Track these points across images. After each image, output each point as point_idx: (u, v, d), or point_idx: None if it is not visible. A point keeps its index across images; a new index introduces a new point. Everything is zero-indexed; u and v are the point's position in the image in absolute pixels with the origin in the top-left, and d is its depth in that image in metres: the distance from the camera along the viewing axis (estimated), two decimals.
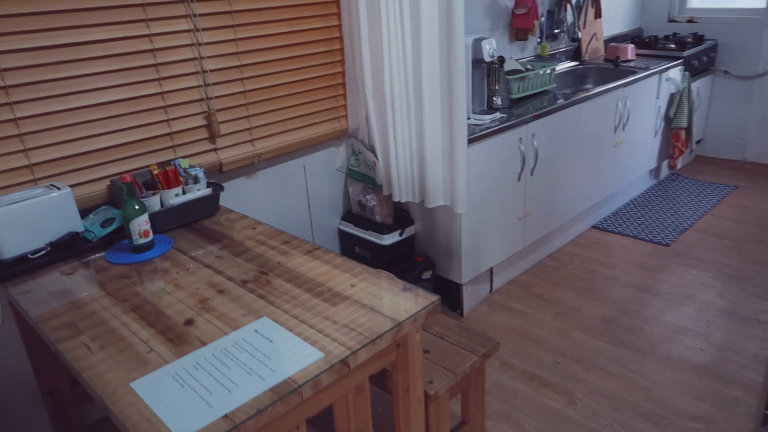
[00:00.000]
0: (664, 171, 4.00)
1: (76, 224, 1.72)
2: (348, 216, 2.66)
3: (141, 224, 1.62)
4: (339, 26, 2.43)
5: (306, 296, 1.38)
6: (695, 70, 3.73)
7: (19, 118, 1.71)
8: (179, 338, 1.25)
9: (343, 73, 2.49)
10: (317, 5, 2.34)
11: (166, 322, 1.31)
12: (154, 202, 1.79)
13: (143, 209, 1.62)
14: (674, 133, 3.72)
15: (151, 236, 1.65)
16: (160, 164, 1.87)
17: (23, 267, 1.59)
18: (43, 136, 1.76)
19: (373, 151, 2.47)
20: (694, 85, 3.72)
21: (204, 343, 1.22)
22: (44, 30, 1.70)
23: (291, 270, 1.51)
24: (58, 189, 1.69)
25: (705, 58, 3.83)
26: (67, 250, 1.67)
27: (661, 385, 2.13)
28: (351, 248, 2.66)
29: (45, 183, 1.76)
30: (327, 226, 2.66)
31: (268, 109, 2.29)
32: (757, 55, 3.82)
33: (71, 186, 1.83)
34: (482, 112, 2.60)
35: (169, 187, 1.83)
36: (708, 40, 3.95)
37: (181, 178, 1.87)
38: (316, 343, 1.20)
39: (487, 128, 2.43)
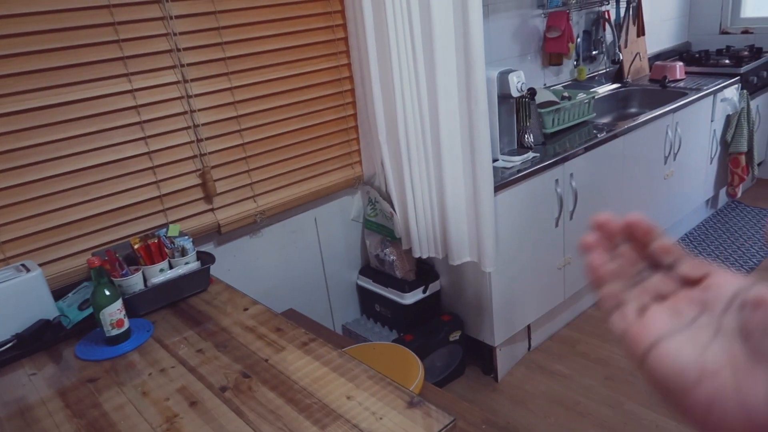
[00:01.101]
0: (722, 199, 3.61)
1: (49, 309, 1.53)
2: (366, 270, 2.41)
3: (113, 313, 1.41)
4: (348, 65, 2.21)
5: (292, 413, 1.13)
6: (753, 87, 3.35)
7: None
8: None
9: (355, 115, 2.27)
10: (322, 44, 2.12)
11: None
12: (135, 281, 1.59)
13: (115, 295, 1.42)
14: (733, 159, 3.34)
15: (125, 325, 1.44)
16: (142, 236, 1.67)
17: None
18: (14, 210, 1.59)
19: (389, 200, 2.22)
20: (753, 104, 3.34)
21: None
22: (10, 94, 1.53)
23: (278, 370, 1.27)
24: (28, 270, 1.50)
25: (764, 73, 3.45)
26: (35, 341, 1.47)
27: None
28: (371, 306, 2.41)
29: (16, 262, 1.58)
30: (344, 281, 2.42)
31: (272, 161, 2.07)
32: None
33: (47, 263, 1.65)
34: (512, 153, 2.32)
35: (153, 262, 1.62)
36: (766, 52, 3.56)
37: (166, 251, 1.66)
38: None
39: (519, 171, 2.16)
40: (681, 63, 3.34)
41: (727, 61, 3.42)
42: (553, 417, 2.10)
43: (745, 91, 3.24)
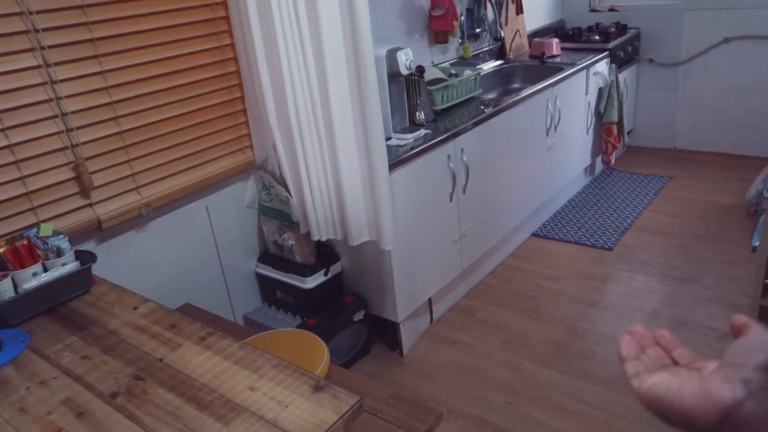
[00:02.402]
0: (599, 166, 3.89)
1: None
2: (265, 257, 2.35)
3: None
4: (232, 45, 2.11)
5: (192, 412, 1.08)
6: (621, 61, 3.62)
7: None
8: None
9: (242, 98, 2.18)
10: (202, 23, 2.01)
11: None
12: (4, 288, 1.44)
13: None
14: (606, 129, 3.60)
15: None
16: (8, 239, 1.51)
17: None
18: None
19: (284, 184, 2.17)
20: (621, 77, 3.61)
21: None
22: None
23: (175, 370, 1.20)
24: None
25: (629, 48, 3.73)
26: None
27: (622, 419, 1.95)
28: (272, 293, 2.36)
29: None
30: (242, 271, 2.34)
31: (155, 149, 1.95)
32: (680, 42, 3.75)
33: None
34: (405, 130, 2.34)
35: (23, 266, 1.47)
36: (631, 28, 3.85)
37: (39, 252, 1.51)
38: None
39: (412, 148, 2.19)
40: (557, 40, 3.53)
41: (597, 38, 3.65)
42: (458, 385, 2.18)
43: (613, 65, 3.49)
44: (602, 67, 3.44)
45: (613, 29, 3.77)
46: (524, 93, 2.79)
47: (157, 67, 1.91)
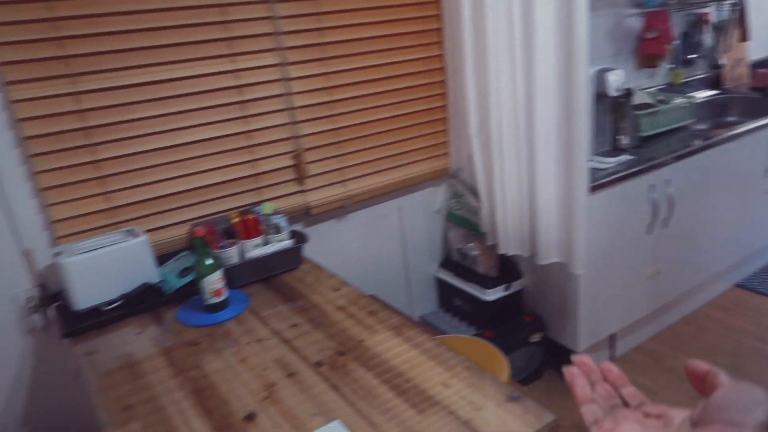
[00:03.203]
0: None
1: (152, 274, 1.60)
2: (447, 263, 2.40)
3: (213, 282, 1.46)
4: (441, 56, 2.19)
5: (388, 394, 1.13)
6: None
7: (99, 161, 1.62)
8: None
9: (444, 107, 2.25)
10: (416, 34, 2.12)
11: (225, 414, 1.11)
12: (232, 254, 1.64)
13: (217, 265, 1.46)
14: None
15: (224, 295, 1.49)
16: (240, 211, 1.72)
17: (95, 321, 1.48)
18: (123, 179, 1.67)
19: (476, 194, 2.19)
20: None
21: None
22: (124, 68, 1.60)
23: (373, 352, 1.27)
24: (135, 236, 1.58)
25: None
26: (140, 303, 1.54)
27: None
28: (449, 299, 2.39)
29: (124, 228, 1.66)
30: (423, 273, 2.41)
31: (362, 147, 2.09)
32: None
33: (151, 230, 1.73)
34: (605, 154, 2.24)
35: (249, 237, 1.66)
36: None
37: (262, 227, 1.70)
38: None
39: (612, 173, 2.08)
40: None
41: None
42: None
43: None
44: None
45: None
46: (742, 128, 2.51)
47: (373, 72, 2.05)
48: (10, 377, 1.64)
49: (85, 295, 1.51)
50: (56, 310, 1.57)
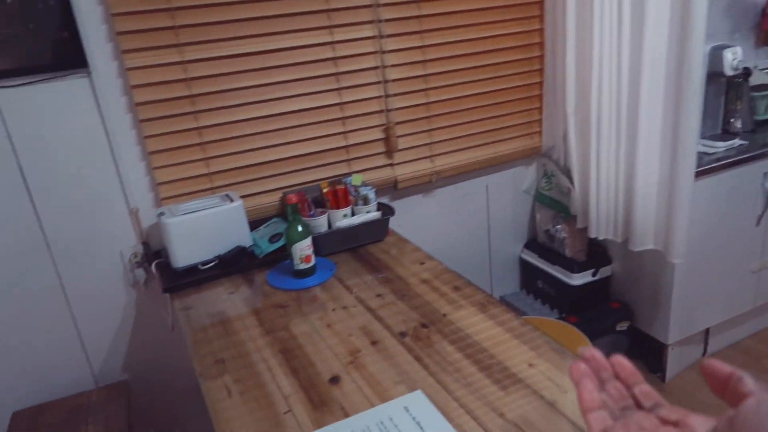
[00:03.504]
0: None
1: (245, 238, 1.67)
2: (532, 245, 2.34)
3: (303, 249, 1.50)
4: (541, 30, 2.11)
5: (471, 368, 1.13)
6: None
7: (202, 128, 1.70)
8: (321, 400, 1.08)
9: (540, 83, 2.17)
10: (517, 7, 2.04)
11: (311, 375, 1.15)
12: (321, 222, 1.68)
13: (307, 233, 1.50)
14: None
15: (312, 261, 1.53)
16: (331, 182, 1.75)
17: (192, 279, 1.57)
18: (222, 146, 1.74)
19: (568, 175, 2.11)
20: None
21: (346, 414, 1.04)
22: (228, 39, 1.66)
23: (457, 327, 1.27)
24: (231, 200, 1.65)
25: None
26: (233, 264, 1.62)
27: None
28: (533, 281, 2.34)
29: (221, 192, 1.74)
30: (507, 252, 2.37)
31: (452, 123, 2.06)
32: None
33: (246, 196, 1.80)
34: (715, 138, 2.09)
35: (338, 207, 1.70)
36: None
37: (350, 198, 1.73)
38: None
39: (720, 159, 1.94)
40: None
41: None
42: None
43: None
44: None
45: None
46: None
47: (469, 47, 2.01)
48: (114, 326, 1.78)
49: (183, 253, 1.60)
50: (157, 266, 1.68)
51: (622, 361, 0.46)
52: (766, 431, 0.32)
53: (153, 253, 1.74)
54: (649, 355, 2.17)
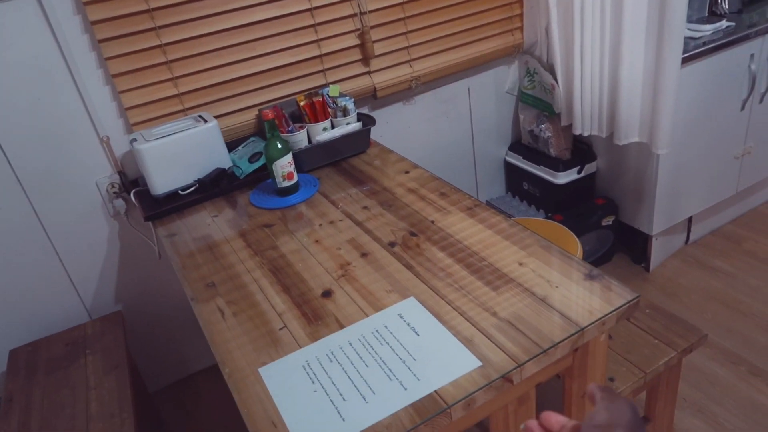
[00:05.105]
0: None
1: (224, 159, 1.62)
2: (516, 146, 2.31)
3: (284, 166, 1.46)
4: None
5: (462, 272, 1.13)
6: None
7: (166, 44, 1.60)
8: (315, 314, 1.08)
9: None
10: None
11: (303, 291, 1.15)
12: (300, 137, 1.63)
13: (286, 149, 1.46)
14: None
15: (295, 178, 1.49)
16: (307, 94, 1.68)
17: (173, 205, 1.54)
18: (190, 63, 1.65)
19: (552, 71, 2.05)
20: None
21: (341, 325, 1.05)
22: None
23: (446, 233, 1.26)
24: (205, 121, 1.58)
25: None
26: (214, 187, 1.58)
27: None
28: (518, 183, 2.33)
29: (193, 114, 1.67)
30: (492, 156, 2.34)
31: (430, 23, 1.96)
32: None
33: (220, 116, 1.73)
34: (701, 21, 2.01)
35: (317, 120, 1.64)
36: None
37: (329, 110, 1.67)
38: (470, 343, 0.96)
39: (706, 43, 1.88)
40: None
41: None
42: (711, 314, 1.98)
43: None
44: None
45: None
46: None
47: None
48: (100, 259, 1.76)
49: (161, 180, 1.56)
50: (136, 195, 1.63)
51: (549, 416, 0.51)
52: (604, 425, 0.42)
53: (130, 182, 1.69)
54: (634, 246, 2.21)
